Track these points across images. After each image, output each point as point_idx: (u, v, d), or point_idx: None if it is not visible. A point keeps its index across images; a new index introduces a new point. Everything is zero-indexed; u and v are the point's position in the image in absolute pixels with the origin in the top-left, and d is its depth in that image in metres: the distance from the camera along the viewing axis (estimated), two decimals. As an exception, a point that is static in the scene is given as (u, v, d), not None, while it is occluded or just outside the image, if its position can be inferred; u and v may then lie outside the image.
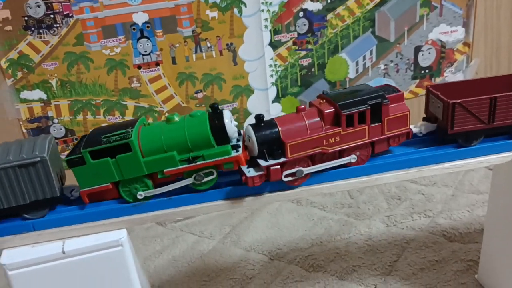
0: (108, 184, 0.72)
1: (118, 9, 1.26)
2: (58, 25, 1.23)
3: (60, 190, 0.74)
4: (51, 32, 1.23)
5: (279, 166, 0.73)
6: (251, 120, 1.46)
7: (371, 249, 1.19)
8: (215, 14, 1.33)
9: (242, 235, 1.30)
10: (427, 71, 1.55)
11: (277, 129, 0.73)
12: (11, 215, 0.73)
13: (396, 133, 0.77)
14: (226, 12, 1.33)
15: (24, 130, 1.31)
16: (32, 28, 1.22)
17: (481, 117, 0.79)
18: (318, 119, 0.75)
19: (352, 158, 0.76)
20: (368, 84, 0.83)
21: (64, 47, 1.26)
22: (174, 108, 1.40)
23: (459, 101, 0.78)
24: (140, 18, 1.28)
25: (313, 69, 1.46)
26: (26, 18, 1.21)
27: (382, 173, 0.78)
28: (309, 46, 1.43)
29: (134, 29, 1.28)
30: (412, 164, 0.79)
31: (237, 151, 0.72)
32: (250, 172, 0.73)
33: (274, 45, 1.40)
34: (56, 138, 1.34)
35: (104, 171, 0.71)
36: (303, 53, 1.43)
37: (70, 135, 1.34)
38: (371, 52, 1.49)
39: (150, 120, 1.39)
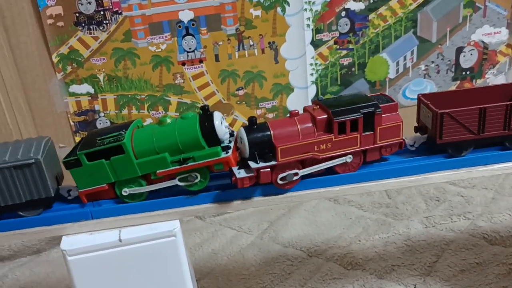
0: (104, 185, 0.75)
1: (165, 6, 1.29)
2: (107, 22, 1.27)
3: (55, 190, 0.77)
4: (101, 28, 1.27)
5: (269, 169, 0.74)
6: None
7: (410, 249, 1.19)
8: (258, 12, 1.34)
9: (280, 231, 1.32)
10: (468, 72, 1.53)
11: (269, 133, 0.75)
12: (7, 213, 0.76)
13: (388, 143, 0.78)
14: (270, 11, 1.35)
15: (72, 123, 1.36)
16: (83, 24, 1.26)
17: (471, 127, 0.79)
18: (310, 124, 0.76)
19: (348, 157, 0.77)
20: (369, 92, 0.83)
21: (112, 43, 1.29)
22: (215, 105, 1.42)
23: (447, 111, 0.78)
24: (186, 16, 1.31)
25: (353, 69, 1.46)
26: (77, 14, 1.25)
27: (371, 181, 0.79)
28: (350, 46, 1.43)
29: (179, 26, 1.31)
30: (401, 173, 0.79)
31: (227, 152, 0.74)
32: (240, 174, 0.74)
33: (315, 44, 1.41)
34: (101, 131, 1.38)
35: (100, 173, 0.74)
36: (344, 52, 1.44)
37: (115, 129, 1.38)
38: (412, 53, 1.48)
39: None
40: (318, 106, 0.78)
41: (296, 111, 0.77)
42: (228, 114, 1.44)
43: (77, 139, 1.36)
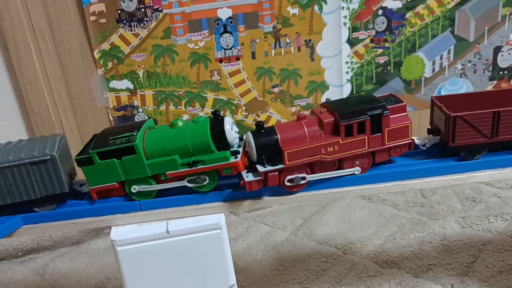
0: (115, 183, 0.76)
1: (205, 4, 1.31)
2: (148, 19, 1.30)
3: (69, 185, 0.78)
4: (141, 25, 1.30)
5: (277, 172, 0.75)
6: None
7: (446, 249, 1.18)
8: (296, 10, 1.35)
9: (314, 228, 1.33)
10: (506, 72, 1.51)
11: (276, 137, 0.75)
12: (23, 208, 0.78)
13: (397, 144, 0.78)
14: (307, 9, 1.35)
15: (111, 118, 1.39)
16: (124, 21, 1.29)
17: (484, 131, 0.78)
18: (317, 127, 0.76)
19: (356, 170, 0.78)
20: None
21: (152, 40, 1.32)
22: (250, 102, 1.44)
23: (460, 114, 0.77)
24: (224, 14, 1.32)
25: (389, 67, 1.46)
26: (119, 11, 1.28)
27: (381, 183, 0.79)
28: (386, 44, 1.43)
29: (218, 24, 1.33)
30: (411, 175, 0.79)
31: (236, 157, 0.75)
32: (249, 177, 0.75)
33: (351, 42, 1.42)
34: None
35: (111, 171, 0.76)
36: (380, 51, 1.44)
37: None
38: (448, 52, 1.47)
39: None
40: (325, 109, 0.79)
41: (304, 114, 0.78)
42: (263, 111, 1.46)
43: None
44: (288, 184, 0.76)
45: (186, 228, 0.76)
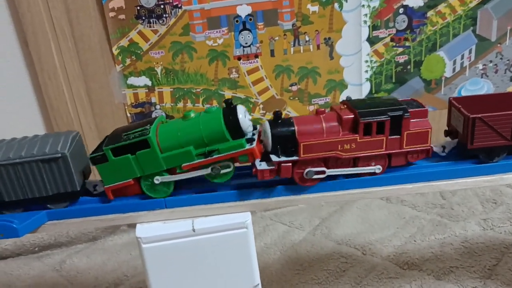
0: (130, 180, 0.75)
1: (224, 1, 1.30)
2: (167, 15, 1.29)
3: (81, 185, 0.77)
4: (160, 21, 1.29)
5: (290, 164, 0.74)
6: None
7: (468, 252, 1.17)
8: (315, 8, 1.34)
9: (332, 228, 1.31)
10: (527, 72, 1.49)
11: (293, 128, 0.74)
12: (35, 205, 0.77)
13: (415, 149, 0.76)
14: (327, 7, 1.34)
15: (129, 115, 1.38)
16: (143, 18, 1.28)
17: (504, 133, 0.76)
18: (336, 123, 0.75)
19: (377, 168, 0.76)
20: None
21: (171, 36, 1.31)
22: (268, 100, 1.43)
23: (479, 115, 0.75)
24: (243, 11, 1.31)
25: (408, 66, 1.44)
26: (138, 7, 1.27)
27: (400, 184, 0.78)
28: (407, 43, 1.41)
29: (237, 21, 1.32)
30: (428, 178, 0.78)
31: (251, 144, 0.74)
32: (261, 166, 0.74)
33: (371, 40, 1.40)
34: (156, 124, 1.40)
35: (126, 167, 0.74)
36: (400, 49, 1.42)
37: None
38: (470, 51, 1.45)
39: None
40: (345, 106, 0.77)
41: (323, 109, 0.77)
42: (280, 109, 1.44)
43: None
44: (301, 177, 0.75)
45: (212, 226, 0.75)
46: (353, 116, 0.74)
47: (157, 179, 0.75)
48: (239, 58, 1.36)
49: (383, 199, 1.43)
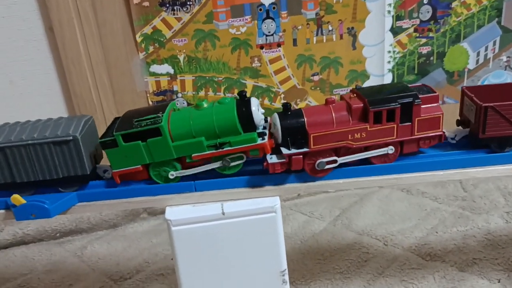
0: (139, 166, 0.75)
1: (248, -11, 1.29)
2: (191, 3, 1.28)
3: (92, 169, 0.77)
4: (184, 9, 1.29)
5: (301, 156, 0.73)
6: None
7: (491, 244, 1.16)
8: (339, -3, 1.33)
9: (353, 219, 1.31)
10: (552, 66, 1.47)
11: (302, 119, 0.74)
12: (46, 188, 0.78)
13: (427, 135, 0.75)
14: (351, -4, 1.33)
15: (150, 102, 1.38)
16: (167, 5, 1.28)
17: None
18: (345, 113, 0.74)
19: (390, 149, 0.75)
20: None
21: (194, 24, 1.31)
22: (290, 90, 1.42)
23: (492, 104, 0.74)
24: (267, -1, 1.31)
25: (431, 58, 1.43)
26: (162, -5, 1.27)
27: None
28: (430, 34, 1.40)
29: (260, 9, 1.31)
30: (439, 166, 0.77)
31: (263, 138, 0.73)
32: (272, 159, 0.74)
33: (395, 31, 1.39)
34: (177, 112, 1.40)
35: (135, 154, 0.74)
36: (424, 40, 1.41)
37: (190, 110, 1.40)
38: (494, 43, 1.44)
39: (266, 100, 1.42)
40: (355, 95, 0.77)
41: (333, 99, 0.76)
42: (301, 99, 1.44)
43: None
44: (312, 168, 0.75)
45: (242, 210, 0.75)
46: (362, 104, 0.74)
47: (172, 174, 0.75)
48: (261, 47, 1.36)
49: (403, 190, 1.42)
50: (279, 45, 1.36)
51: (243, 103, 0.74)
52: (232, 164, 0.75)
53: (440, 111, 0.75)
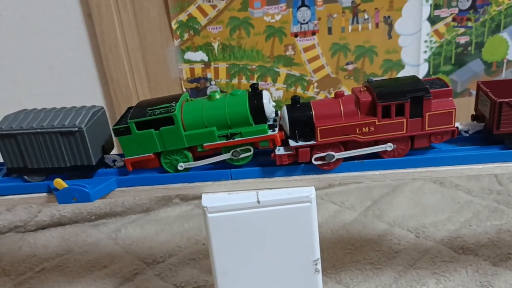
0: (151, 154, 0.76)
1: (284, -24, 1.28)
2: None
3: (98, 159, 0.79)
4: (221, -4, 1.29)
5: (308, 148, 0.73)
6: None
7: (527, 239, 1.14)
8: (376, -15, 1.31)
9: (384, 210, 1.30)
10: None
11: (310, 112, 0.74)
12: (53, 175, 0.80)
13: (438, 130, 0.74)
14: (388, -16, 1.31)
15: (184, 89, 1.39)
16: (203, -8, 1.29)
17: None
18: (354, 106, 0.73)
19: (388, 146, 0.74)
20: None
21: (229, 12, 1.31)
22: (323, 79, 1.41)
23: (507, 100, 0.72)
24: (303, -13, 1.30)
25: (469, 48, 1.40)
26: (198, -18, 1.28)
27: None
28: (469, 23, 1.37)
29: (296, -3, 1.31)
30: (451, 162, 0.76)
31: (274, 130, 0.74)
32: (280, 151, 0.74)
33: (432, 20, 1.36)
34: (210, 99, 1.41)
35: (148, 142, 0.75)
36: (462, 30, 1.38)
37: (224, 97, 1.41)
38: (535, 33, 1.40)
39: (299, 89, 1.42)
40: (365, 88, 0.76)
41: (342, 92, 0.76)
42: (335, 88, 1.43)
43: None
44: (318, 162, 0.75)
45: (277, 199, 0.75)
46: (371, 98, 0.73)
47: (181, 166, 0.77)
48: (296, 35, 1.35)
49: (436, 183, 1.41)
50: (313, 33, 1.35)
51: (255, 95, 0.75)
52: (242, 155, 0.76)
53: (453, 105, 0.73)
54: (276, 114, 0.79)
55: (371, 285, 1.05)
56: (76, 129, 0.76)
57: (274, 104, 0.77)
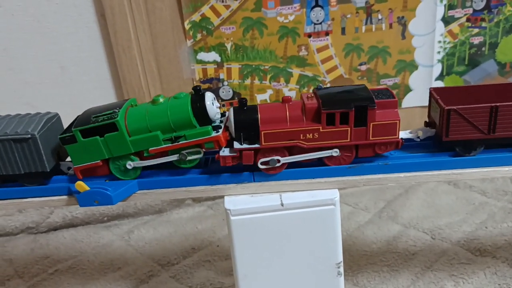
0: (99, 161, 0.76)
1: (298, -24, 1.28)
2: (239, -10, 1.28)
3: (53, 165, 0.79)
4: (233, -3, 1.28)
5: (252, 152, 0.73)
6: (411, 96, 1.44)
7: (544, 241, 1.13)
8: (390, -15, 1.30)
9: (398, 211, 1.29)
10: None
11: (256, 116, 0.74)
12: (9, 183, 0.80)
13: (382, 140, 0.74)
14: (403, -16, 1.30)
15: (196, 90, 1.38)
16: (216, -8, 1.28)
17: (480, 126, 0.73)
18: (300, 112, 0.74)
19: (334, 151, 0.75)
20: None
21: (242, 12, 1.30)
22: (336, 79, 1.41)
23: (455, 107, 0.72)
24: (317, -13, 1.29)
25: (483, 48, 1.39)
26: (212, -18, 1.27)
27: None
28: (483, 24, 1.36)
29: (309, -3, 1.30)
30: (400, 169, 0.76)
31: (217, 131, 0.74)
32: (224, 152, 0.74)
33: (446, 20, 1.35)
34: (223, 100, 1.40)
35: (94, 149, 0.76)
36: (476, 30, 1.37)
37: (236, 98, 1.40)
38: (550, 34, 1.39)
39: (311, 90, 1.41)
40: (313, 95, 0.76)
41: (289, 97, 0.76)
42: (347, 89, 1.42)
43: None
44: (262, 166, 0.75)
45: (301, 201, 0.75)
46: (317, 105, 0.74)
47: (130, 164, 0.77)
48: (309, 36, 1.34)
49: (450, 184, 1.40)
50: (327, 33, 1.35)
51: (197, 97, 0.75)
52: (189, 158, 0.76)
53: (397, 117, 0.73)
54: (223, 115, 0.79)
55: (388, 287, 1.05)
56: (29, 136, 0.76)
57: (218, 105, 0.78)
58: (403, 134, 0.83)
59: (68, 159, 0.83)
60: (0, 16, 1.22)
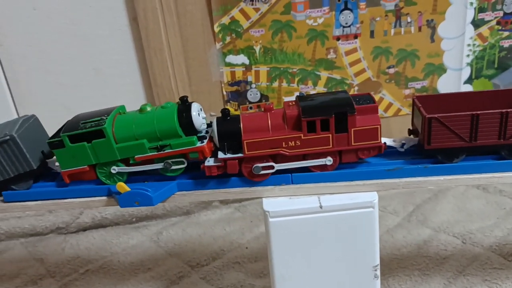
0: (85, 166, 0.78)
1: (327, -20, 1.28)
2: (270, -6, 1.28)
3: (40, 163, 0.81)
4: (263, 0, 1.29)
5: (236, 161, 0.75)
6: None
7: None
8: (420, -12, 1.30)
9: (428, 215, 1.29)
10: None
11: (239, 126, 0.75)
12: (2, 187, 0.82)
13: (364, 145, 0.74)
14: (433, -13, 1.30)
15: (224, 93, 1.40)
16: (246, -4, 1.29)
17: (462, 134, 0.73)
18: (282, 121, 0.75)
19: (328, 160, 0.75)
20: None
21: (272, 15, 1.31)
22: (364, 82, 1.40)
23: (436, 115, 0.73)
24: (346, -10, 1.29)
25: (513, 52, 1.38)
26: (241, -15, 1.28)
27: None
28: (514, 27, 1.35)
29: (339, 0, 1.30)
30: (439, 172, 0.76)
31: (202, 142, 0.76)
32: (209, 162, 0.76)
33: (476, 23, 1.35)
34: (250, 102, 1.41)
35: (81, 154, 0.77)
36: (506, 33, 1.36)
37: (264, 100, 1.41)
38: None
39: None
40: (294, 103, 0.77)
41: (271, 106, 0.77)
42: (375, 92, 1.42)
43: (229, 108, 1.39)
44: (247, 174, 0.76)
45: (340, 204, 0.75)
46: (297, 113, 0.74)
47: (114, 169, 0.78)
48: (338, 38, 1.35)
49: (479, 188, 1.39)
50: (356, 36, 1.35)
51: (184, 107, 0.77)
52: (174, 167, 0.77)
53: (378, 122, 0.74)
54: (209, 126, 0.80)
55: (421, 291, 1.04)
56: (8, 137, 0.78)
57: (204, 115, 0.79)
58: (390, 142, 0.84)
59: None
60: (36, 19, 1.24)
